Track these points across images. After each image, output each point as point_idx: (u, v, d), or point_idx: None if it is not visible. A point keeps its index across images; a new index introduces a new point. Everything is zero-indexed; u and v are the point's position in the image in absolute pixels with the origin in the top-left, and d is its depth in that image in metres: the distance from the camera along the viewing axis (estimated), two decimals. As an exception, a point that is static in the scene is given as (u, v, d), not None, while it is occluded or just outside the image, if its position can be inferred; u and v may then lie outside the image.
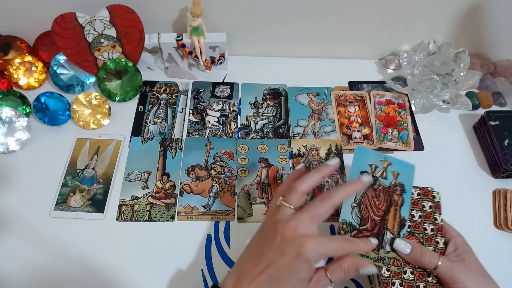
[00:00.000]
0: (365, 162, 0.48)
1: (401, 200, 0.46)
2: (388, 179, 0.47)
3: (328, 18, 0.68)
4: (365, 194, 0.47)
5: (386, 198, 0.46)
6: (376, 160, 0.48)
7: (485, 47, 0.75)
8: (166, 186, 0.58)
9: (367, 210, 0.46)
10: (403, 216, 0.45)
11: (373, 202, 0.46)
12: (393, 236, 0.44)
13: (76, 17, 0.61)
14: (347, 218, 0.45)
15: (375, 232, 0.45)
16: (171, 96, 0.69)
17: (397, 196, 0.46)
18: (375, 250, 0.44)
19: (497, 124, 0.62)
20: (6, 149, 0.60)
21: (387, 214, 0.46)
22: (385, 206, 0.46)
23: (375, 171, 0.48)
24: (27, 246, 0.52)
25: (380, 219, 0.46)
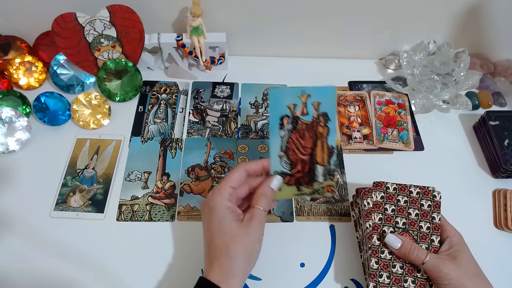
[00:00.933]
0: (283, 104, 0.44)
1: (326, 130, 0.45)
2: (309, 113, 0.45)
3: (328, 18, 0.68)
4: (290, 139, 0.45)
5: (311, 135, 0.45)
6: (293, 98, 0.44)
7: (485, 47, 0.75)
8: (166, 186, 0.58)
9: (294, 154, 0.45)
10: (331, 145, 0.45)
11: (298, 143, 0.45)
12: (324, 167, 0.45)
13: (76, 17, 0.61)
14: (278, 168, 0.45)
15: (306, 171, 0.46)
16: (171, 96, 0.69)
17: (322, 127, 0.45)
18: (309, 186, 0.46)
19: (497, 124, 0.62)
20: (6, 149, 0.60)
21: (314, 150, 0.45)
22: (311, 143, 0.45)
23: (294, 111, 0.45)
24: (27, 246, 0.52)
25: (309, 157, 0.45)
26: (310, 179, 0.46)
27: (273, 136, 0.45)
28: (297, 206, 0.57)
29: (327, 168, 0.46)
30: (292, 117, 0.44)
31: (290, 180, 0.46)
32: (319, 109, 0.45)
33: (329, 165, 0.46)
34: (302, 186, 0.47)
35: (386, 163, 0.63)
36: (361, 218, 0.50)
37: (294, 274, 0.52)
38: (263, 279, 0.51)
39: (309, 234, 0.55)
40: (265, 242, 0.54)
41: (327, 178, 0.46)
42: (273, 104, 0.45)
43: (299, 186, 0.47)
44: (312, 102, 0.45)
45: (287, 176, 0.46)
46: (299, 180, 0.47)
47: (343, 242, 0.54)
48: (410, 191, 0.50)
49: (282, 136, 0.45)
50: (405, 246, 0.45)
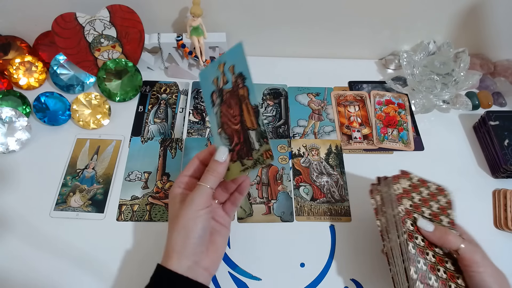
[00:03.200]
0: (209, 82, 0.44)
1: (246, 90, 0.42)
2: (229, 80, 0.42)
3: (328, 18, 0.68)
4: (221, 113, 0.43)
5: (235, 101, 0.42)
6: (214, 71, 0.43)
7: (485, 47, 0.75)
8: (166, 186, 0.58)
9: (228, 126, 0.43)
10: (254, 104, 0.41)
11: (229, 115, 0.43)
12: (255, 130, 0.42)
13: (76, 17, 0.61)
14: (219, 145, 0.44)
15: (242, 141, 0.43)
16: (171, 96, 0.69)
17: (241, 89, 0.42)
18: (249, 157, 0.43)
19: (497, 124, 0.62)
20: (6, 149, 0.60)
21: (242, 116, 0.42)
22: (238, 110, 0.42)
23: (218, 83, 0.43)
24: (27, 246, 0.52)
25: (240, 125, 0.42)
26: (248, 149, 0.43)
27: (210, 116, 0.45)
28: (297, 206, 0.57)
29: (258, 131, 0.42)
30: (217, 90, 0.43)
31: (233, 156, 0.44)
32: (234, 72, 0.42)
33: (259, 127, 0.42)
34: (244, 160, 0.43)
35: (386, 163, 0.63)
36: (385, 205, 0.49)
37: (294, 274, 0.52)
38: (263, 279, 0.51)
39: (309, 234, 0.55)
40: (265, 242, 0.54)
41: (262, 142, 0.42)
42: (202, 85, 0.45)
43: (241, 161, 0.43)
44: (228, 67, 0.42)
45: (230, 152, 0.44)
46: (240, 154, 0.43)
47: (343, 242, 0.54)
48: (429, 186, 0.49)
49: (216, 113, 0.44)
50: (440, 229, 0.43)
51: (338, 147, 0.63)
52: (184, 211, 0.41)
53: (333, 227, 0.56)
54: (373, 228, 0.56)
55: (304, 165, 0.61)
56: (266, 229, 0.55)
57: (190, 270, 0.39)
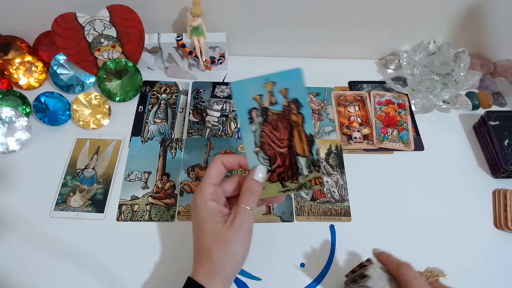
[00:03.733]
0: (248, 97, 0.41)
1: (301, 118, 0.42)
2: (278, 102, 0.41)
3: (328, 18, 0.68)
4: (262, 133, 0.42)
5: (285, 125, 0.42)
6: (257, 88, 0.41)
7: (485, 47, 0.75)
8: (166, 186, 0.58)
9: (271, 148, 0.42)
10: (309, 134, 0.42)
11: (273, 136, 0.42)
12: (306, 157, 0.42)
13: (76, 17, 0.61)
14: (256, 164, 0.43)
15: (288, 165, 0.42)
16: (171, 96, 0.69)
17: (295, 115, 0.41)
18: (294, 180, 0.43)
19: (497, 124, 0.62)
20: (6, 149, 0.60)
21: (292, 140, 0.42)
22: (287, 134, 0.42)
23: (261, 102, 0.42)
24: (27, 246, 0.52)
25: (288, 149, 0.42)
26: (293, 173, 0.43)
27: (244, 132, 0.42)
28: (297, 206, 0.57)
29: (310, 159, 0.42)
30: (260, 109, 0.42)
31: (272, 176, 0.43)
32: (288, 96, 0.41)
33: (311, 155, 0.42)
34: (287, 182, 0.43)
35: (386, 163, 0.63)
36: None
37: (294, 274, 0.52)
38: (263, 279, 0.51)
39: (309, 234, 0.55)
40: (265, 242, 0.54)
41: (312, 169, 0.43)
42: (237, 98, 0.42)
43: (283, 182, 0.43)
44: (279, 89, 0.41)
45: (268, 173, 0.43)
46: (281, 175, 0.43)
47: (343, 242, 0.54)
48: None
49: (254, 131, 0.42)
50: None
51: (338, 147, 0.63)
52: (233, 237, 0.39)
53: (333, 227, 0.56)
54: (373, 228, 0.56)
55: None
56: (266, 229, 0.55)
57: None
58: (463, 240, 0.56)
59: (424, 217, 0.57)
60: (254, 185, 0.42)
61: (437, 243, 0.55)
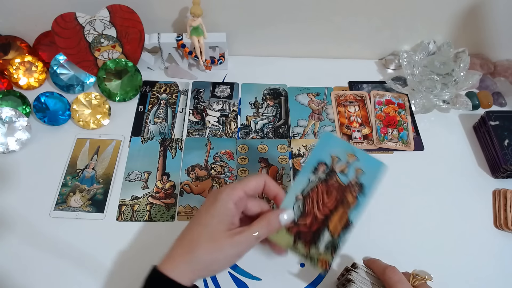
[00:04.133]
0: (328, 151, 0.43)
1: (355, 202, 0.42)
2: (348, 176, 0.42)
3: (328, 18, 0.68)
4: (316, 188, 0.42)
5: (338, 196, 0.42)
6: (341, 152, 0.43)
7: (485, 47, 0.75)
8: (166, 186, 0.58)
9: (312, 205, 0.42)
10: (351, 220, 0.41)
11: (321, 197, 0.42)
12: (332, 238, 0.41)
13: (76, 17, 0.61)
14: (288, 208, 0.42)
15: (314, 230, 0.42)
16: (171, 96, 0.69)
17: (352, 197, 0.42)
18: (306, 247, 0.42)
19: (497, 124, 0.62)
20: (6, 149, 0.60)
21: (332, 214, 0.42)
22: (333, 205, 0.42)
23: (335, 163, 0.43)
24: (27, 246, 0.52)
25: (324, 218, 0.42)
26: (311, 240, 0.42)
27: (302, 175, 0.43)
28: (297, 206, 0.57)
29: (334, 241, 0.42)
30: (330, 169, 0.43)
31: (292, 229, 0.42)
32: (359, 177, 0.42)
33: (338, 239, 0.41)
34: (300, 243, 0.42)
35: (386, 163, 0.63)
36: None
37: (294, 274, 0.52)
38: (263, 279, 0.51)
39: (309, 234, 0.55)
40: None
41: (329, 249, 0.41)
42: (320, 146, 0.44)
43: (297, 240, 0.42)
44: (356, 166, 0.42)
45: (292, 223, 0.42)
46: (300, 235, 0.42)
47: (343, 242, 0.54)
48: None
49: (310, 181, 0.43)
50: None
51: (338, 147, 0.63)
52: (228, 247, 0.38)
53: (333, 227, 0.56)
54: (373, 228, 0.56)
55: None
56: (266, 229, 0.55)
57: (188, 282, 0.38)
58: (463, 240, 0.56)
59: (424, 217, 0.57)
60: (275, 222, 0.41)
61: (437, 243, 0.55)
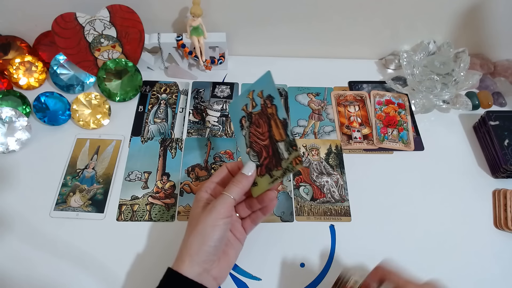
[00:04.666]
0: (238, 110, 0.49)
1: (274, 108, 0.46)
2: (258, 103, 0.47)
3: (328, 18, 0.68)
4: (250, 133, 0.48)
5: (264, 119, 0.46)
6: (243, 100, 0.48)
7: (485, 47, 0.75)
8: (166, 186, 0.58)
9: (257, 144, 0.47)
10: (282, 118, 0.45)
11: (257, 133, 0.47)
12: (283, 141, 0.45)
13: (76, 17, 0.61)
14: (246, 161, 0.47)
15: (271, 154, 0.46)
16: (171, 96, 0.69)
17: (270, 108, 0.46)
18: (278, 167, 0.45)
19: (497, 124, 0.62)
20: (6, 149, 0.60)
21: (271, 131, 0.46)
22: (266, 127, 0.46)
23: (247, 109, 0.48)
24: (27, 246, 0.52)
25: (269, 140, 0.46)
26: (277, 160, 0.45)
27: (238, 138, 0.49)
28: (297, 206, 0.57)
29: (287, 141, 0.44)
30: (246, 115, 0.48)
31: (261, 170, 0.46)
32: (263, 96, 0.46)
33: (287, 138, 0.44)
34: (273, 171, 0.45)
35: (386, 163, 0.63)
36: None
37: (294, 274, 0.52)
38: (263, 279, 0.51)
39: (309, 234, 0.55)
40: (265, 242, 0.54)
41: (291, 151, 0.44)
42: (232, 114, 0.50)
43: (270, 173, 0.46)
44: (257, 94, 0.47)
45: (258, 168, 0.46)
46: (268, 166, 0.46)
47: (343, 242, 0.54)
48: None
49: (244, 135, 0.48)
50: None
51: (338, 147, 0.63)
52: (204, 217, 0.41)
53: (333, 227, 0.56)
54: (373, 228, 0.56)
55: (304, 165, 0.61)
56: (266, 229, 0.55)
57: (200, 277, 0.40)
58: (463, 240, 0.56)
59: (424, 217, 0.57)
60: (240, 177, 0.45)
61: (437, 243, 0.55)
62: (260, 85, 0.47)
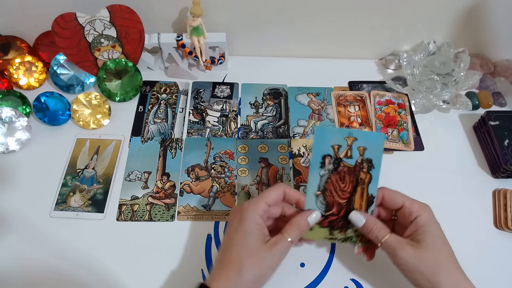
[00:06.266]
0: (327, 144, 0.45)
1: (368, 177, 0.44)
2: (353, 157, 0.44)
3: (328, 18, 0.68)
4: (329, 179, 0.45)
5: (351, 179, 0.44)
6: (339, 139, 0.44)
7: (485, 47, 0.75)
8: (166, 186, 0.58)
9: (331, 196, 0.45)
10: (371, 194, 0.44)
11: (337, 186, 0.45)
12: None
13: (76, 17, 0.61)
14: (312, 207, 0.45)
15: (342, 215, 0.45)
16: (171, 96, 0.69)
17: (364, 173, 0.44)
18: (343, 231, 0.45)
19: (497, 124, 0.62)
20: (6, 149, 0.60)
21: (353, 195, 0.44)
22: (351, 188, 0.44)
23: (338, 152, 0.45)
24: (27, 246, 0.52)
25: (346, 201, 0.45)
26: (344, 225, 0.45)
27: (312, 173, 0.45)
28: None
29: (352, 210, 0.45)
30: (334, 158, 0.45)
31: (323, 222, 0.45)
32: (364, 154, 0.44)
33: None
34: (335, 231, 0.45)
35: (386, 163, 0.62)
36: None
37: (294, 274, 0.52)
38: (263, 279, 0.51)
39: (309, 234, 0.55)
40: (265, 242, 0.54)
41: None
42: (317, 141, 0.45)
43: (331, 230, 0.46)
44: (358, 146, 0.44)
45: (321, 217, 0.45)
46: (332, 224, 0.45)
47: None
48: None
49: (322, 175, 0.45)
50: (368, 225, 0.43)
51: (338, 147, 0.63)
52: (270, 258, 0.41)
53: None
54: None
55: (304, 165, 0.61)
56: (266, 229, 0.55)
57: None
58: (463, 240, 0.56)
59: (424, 217, 0.57)
60: (304, 224, 0.43)
61: (437, 243, 0.55)
62: (366, 140, 0.44)
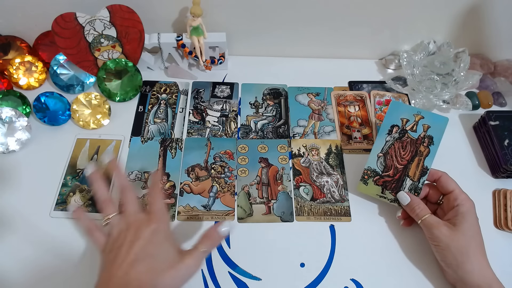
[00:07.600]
0: (398, 116, 0.53)
1: (427, 151, 0.51)
2: (417, 132, 0.52)
3: (328, 18, 0.68)
4: (392, 145, 0.53)
5: (412, 149, 0.52)
6: (409, 114, 0.53)
7: (485, 47, 0.75)
8: (166, 186, 0.58)
9: (391, 160, 0.52)
10: (426, 165, 0.51)
11: (398, 152, 0.52)
12: (412, 181, 0.51)
13: (76, 17, 0.61)
14: (372, 165, 0.53)
15: (396, 178, 0.52)
16: (171, 96, 0.69)
17: (424, 147, 0.51)
18: (393, 193, 0.52)
19: (497, 124, 0.62)
20: (6, 149, 0.60)
21: (410, 163, 0.51)
22: (409, 156, 0.52)
23: (405, 125, 0.53)
24: (27, 246, 0.52)
25: (403, 167, 0.52)
26: (396, 187, 0.52)
27: (379, 138, 0.54)
28: (297, 206, 0.57)
29: (415, 185, 0.51)
30: (401, 129, 0.53)
31: (378, 180, 0.53)
32: (427, 131, 0.52)
33: (418, 183, 0.51)
34: (387, 191, 0.52)
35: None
36: None
37: (294, 274, 0.52)
38: (263, 279, 0.51)
39: (309, 234, 0.55)
40: (265, 242, 0.54)
41: (412, 192, 0.51)
42: (390, 112, 0.54)
43: (384, 189, 0.53)
44: (423, 123, 0.52)
45: (376, 176, 0.53)
46: (386, 184, 0.52)
47: (343, 242, 0.54)
48: None
49: (387, 141, 0.53)
50: (412, 204, 0.50)
51: (338, 147, 0.63)
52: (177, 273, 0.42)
53: (333, 227, 0.56)
54: (373, 228, 0.56)
55: (304, 165, 0.61)
56: (266, 229, 0.55)
57: None
58: (463, 240, 0.56)
59: (424, 217, 0.57)
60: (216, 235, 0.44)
61: (437, 243, 0.55)
62: (432, 120, 0.52)
